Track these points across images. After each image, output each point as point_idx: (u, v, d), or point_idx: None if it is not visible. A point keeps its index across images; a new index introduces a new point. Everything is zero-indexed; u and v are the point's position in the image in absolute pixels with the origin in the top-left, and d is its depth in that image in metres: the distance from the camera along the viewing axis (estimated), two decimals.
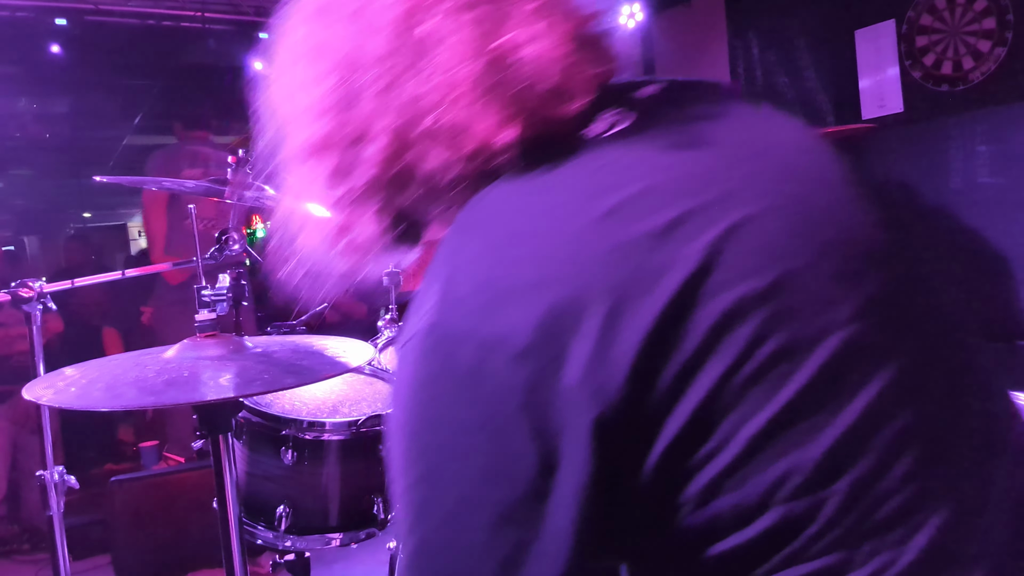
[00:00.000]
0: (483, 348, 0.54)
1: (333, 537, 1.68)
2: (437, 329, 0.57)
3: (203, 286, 1.48)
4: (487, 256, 0.59)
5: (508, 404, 0.53)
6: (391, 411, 0.62)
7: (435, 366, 0.57)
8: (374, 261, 0.77)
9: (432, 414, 0.57)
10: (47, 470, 1.75)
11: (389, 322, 2.35)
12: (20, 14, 4.59)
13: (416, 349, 0.58)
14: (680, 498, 0.54)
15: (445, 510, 0.56)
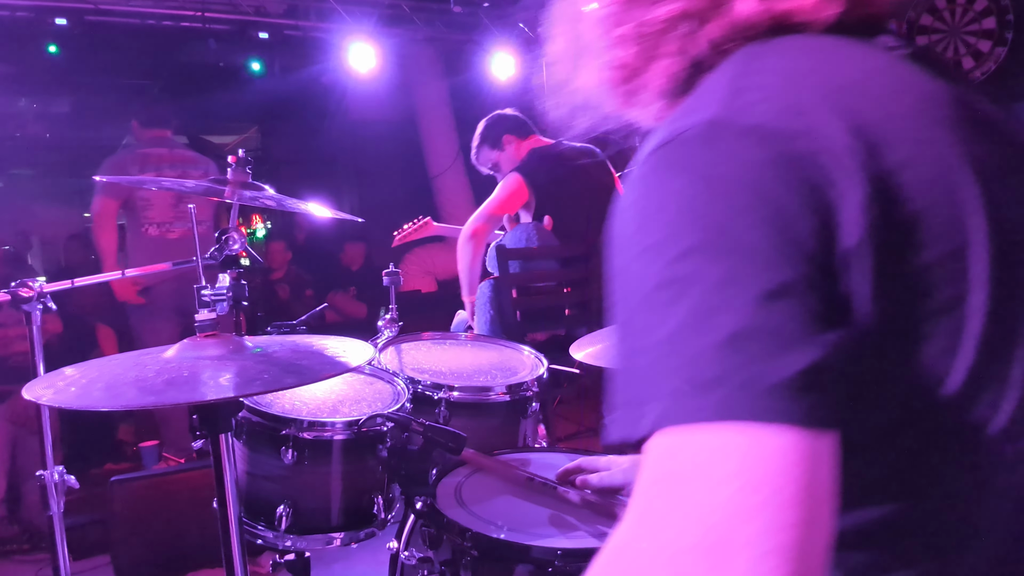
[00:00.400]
0: (772, 140, 0.58)
1: (333, 537, 1.68)
2: (722, 121, 0.60)
3: (203, 286, 1.48)
4: (780, 80, 0.63)
5: (793, 196, 0.57)
6: (632, 203, 0.63)
7: (718, 153, 0.59)
8: (645, 106, 0.76)
9: (712, 195, 0.58)
10: (47, 470, 1.75)
11: (389, 322, 2.35)
12: (20, 14, 4.60)
13: (695, 139, 0.60)
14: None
15: (714, 280, 0.56)
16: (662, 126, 0.65)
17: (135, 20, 4.94)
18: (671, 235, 0.58)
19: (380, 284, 2.43)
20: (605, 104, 0.79)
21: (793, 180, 0.57)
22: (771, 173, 0.57)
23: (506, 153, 3.24)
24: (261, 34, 5.31)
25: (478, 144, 3.32)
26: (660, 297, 0.57)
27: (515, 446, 1.90)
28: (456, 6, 5.59)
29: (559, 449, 1.76)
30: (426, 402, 1.86)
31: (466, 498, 1.44)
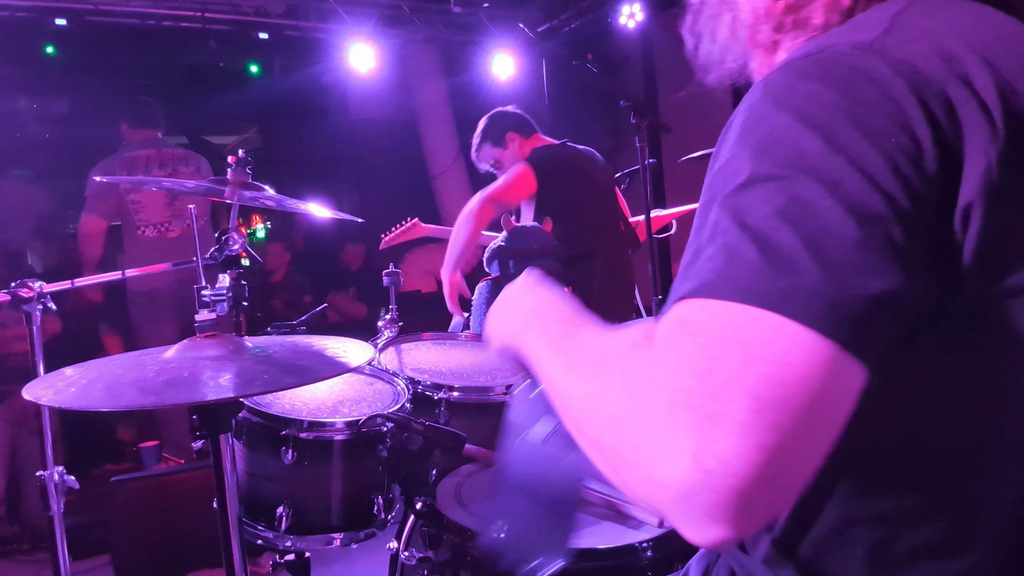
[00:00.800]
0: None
1: (333, 537, 1.68)
2: (874, 47, 0.63)
3: (203, 286, 1.47)
4: (938, 26, 0.66)
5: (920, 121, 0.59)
6: (768, 94, 0.65)
7: (862, 73, 0.62)
8: (799, 38, 0.77)
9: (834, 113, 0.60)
10: (47, 470, 1.75)
11: (389, 322, 2.35)
12: (20, 14, 4.59)
13: (844, 55, 0.63)
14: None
15: (822, 183, 0.58)
16: (809, 44, 0.67)
17: (135, 20, 4.94)
18: (797, 133, 0.61)
19: (380, 284, 2.43)
20: (760, 37, 0.79)
21: (927, 119, 0.59)
22: (910, 106, 0.59)
23: (509, 151, 3.23)
24: (261, 34, 5.31)
25: (479, 141, 3.29)
26: (767, 187, 0.60)
27: None
28: (456, 6, 5.59)
29: None
30: (426, 402, 1.86)
31: (466, 498, 1.44)
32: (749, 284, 0.56)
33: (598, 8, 5.45)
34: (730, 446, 0.52)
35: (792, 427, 0.52)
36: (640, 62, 6.02)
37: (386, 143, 7.08)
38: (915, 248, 0.57)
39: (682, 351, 0.57)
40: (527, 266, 3.29)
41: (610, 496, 1.41)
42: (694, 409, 0.54)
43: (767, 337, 0.55)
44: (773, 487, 0.53)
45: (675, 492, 0.54)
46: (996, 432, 0.64)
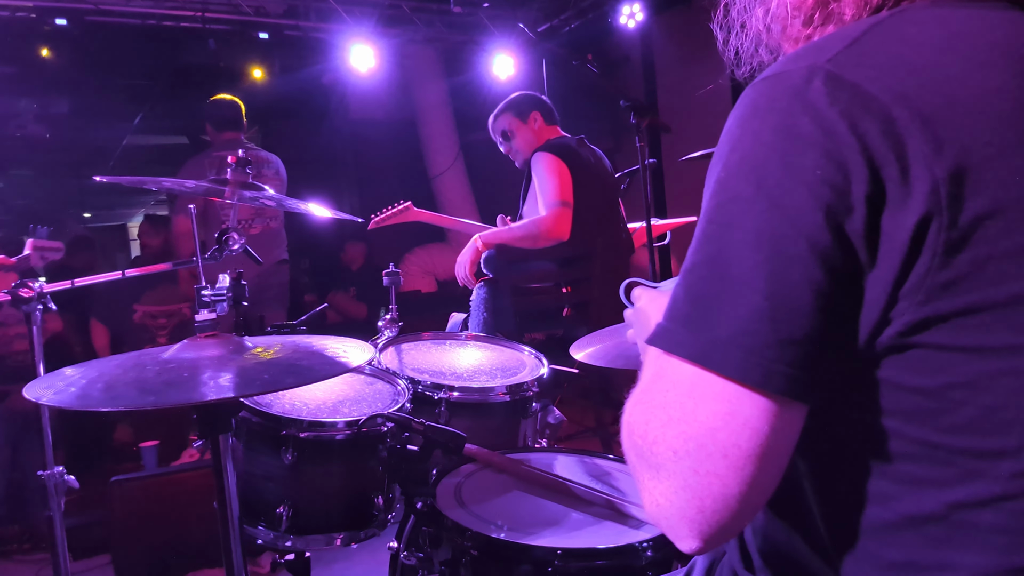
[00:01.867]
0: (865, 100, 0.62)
1: (333, 537, 1.68)
2: (822, 70, 0.64)
3: (203, 286, 1.47)
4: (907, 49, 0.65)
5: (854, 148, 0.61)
6: (727, 127, 0.68)
7: (798, 108, 0.63)
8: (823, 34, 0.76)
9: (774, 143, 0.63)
10: (47, 470, 1.75)
11: (389, 322, 2.35)
12: (20, 14, 4.59)
13: (789, 85, 0.64)
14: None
15: (748, 235, 0.63)
16: (781, 61, 0.69)
17: (135, 20, 4.94)
18: (728, 177, 0.65)
19: (380, 284, 2.43)
20: (791, 31, 0.79)
21: (860, 147, 0.60)
22: (842, 134, 0.61)
23: (527, 127, 3.21)
24: (261, 34, 5.31)
25: (503, 108, 3.27)
26: (708, 230, 0.66)
27: (515, 446, 1.90)
28: (456, 6, 5.59)
29: (559, 449, 1.76)
30: (426, 402, 1.86)
31: (466, 498, 1.44)
32: (676, 336, 0.66)
33: (598, 8, 5.45)
34: (664, 493, 0.65)
35: (717, 470, 0.62)
36: (640, 62, 6.02)
37: (386, 143, 7.09)
38: (838, 283, 0.61)
39: (641, 399, 0.70)
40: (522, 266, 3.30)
41: (610, 496, 1.41)
42: (642, 456, 0.68)
43: (689, 388, 0.64)
44: (715, 517, 0.63)
45: (650, 517, 0.68)
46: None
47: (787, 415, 0.63)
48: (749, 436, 0.62)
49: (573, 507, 1.41)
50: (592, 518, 1.37)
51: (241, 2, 5.15)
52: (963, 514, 0.62)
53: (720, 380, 0.62)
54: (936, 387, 0.61)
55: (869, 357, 0.63)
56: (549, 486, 1.48)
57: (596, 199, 3.08)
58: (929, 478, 0.63)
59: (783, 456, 0.64)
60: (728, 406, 0.62)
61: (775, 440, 0.63)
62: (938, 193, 0.59)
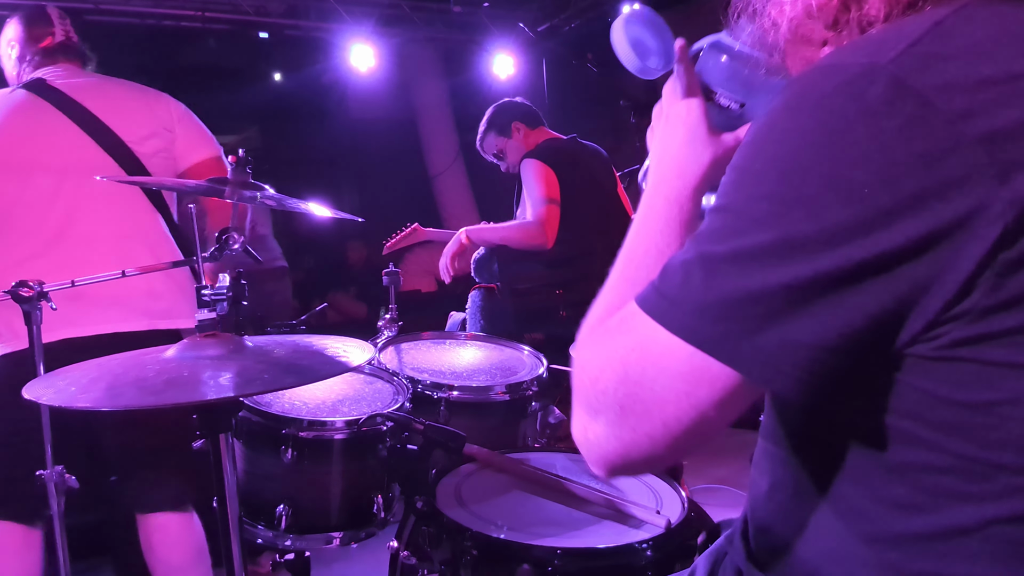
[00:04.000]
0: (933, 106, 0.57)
1: (333, 537, 1.68)
2: (888, 73, 0.59)
3: (203, 285, 1.47)
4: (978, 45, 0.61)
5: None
6: (771, 111, 0.64)
7: (856, 107, 0.59)
8: (844, 38, 0.73)
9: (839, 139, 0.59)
10: (47, 470, 1.75)
11: (389, 322, 2.35)
12: None
13: (844, 82, 0.60)
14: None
15: (775, 236, 0.60)
16: (832, 55, 0.66)
17: (135, 20, 4.94)
18: (774, 174, 0.62)
19: (380, 284, 2.43)
20: (806, 31, 0.75)
21: (918, 173, 0.56)
22: (900, 154, 0.57)
23: (513, 141, 3.20)
24: (261, 34, 5.31)
25: (484, 129, 3.27)
26: (727, 219, 0.64)
27: (515, 446, 1.90)
28: (456, 6, 5.59)
29: (559, 449, 1.76)
30: (426, 402, 1.86)
31: (466, 498, 1.44)
32: (650, 298, 0.68)
33: (598, 8, 5.46)
34: (596, 433, 0.70)
35: (654, 434, 0.66)
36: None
37: (386, 143, 7.08)
38: (858, 314, 0.59)
39: (604, 344, 0.72)
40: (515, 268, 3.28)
41: (610, 496, 1.41)
42: (585, 394, 0.72)
43: (662, 360, 0.66)
44: (632, 466, 0.71)
45: (579, 441, 0.74)
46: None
47: (743, 395, 0.65)
48: (697, 418, 0.65)
49: (573, 507, 1.41)
50: (592, 518, 1.37)
51: (241, 2, 5.14)
52: (1000, 529, 0.61)
53: (708, 361, 0.63)
54: (982, 402, 0.60)
55: (905, 366, 0.62)
56: (549, 486, 1.48)
57: (591, 198, 3.07)
58: (968, 492, 0.61)
59: (717, 434, 0.67)
60: (703, 386, 0.64)
61: (720, 424, 0.66)
62: (1005, 217, 0.56)
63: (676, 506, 1.40)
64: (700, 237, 0.66)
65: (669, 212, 0.85)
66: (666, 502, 1.42)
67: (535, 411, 1.99)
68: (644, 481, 1.53)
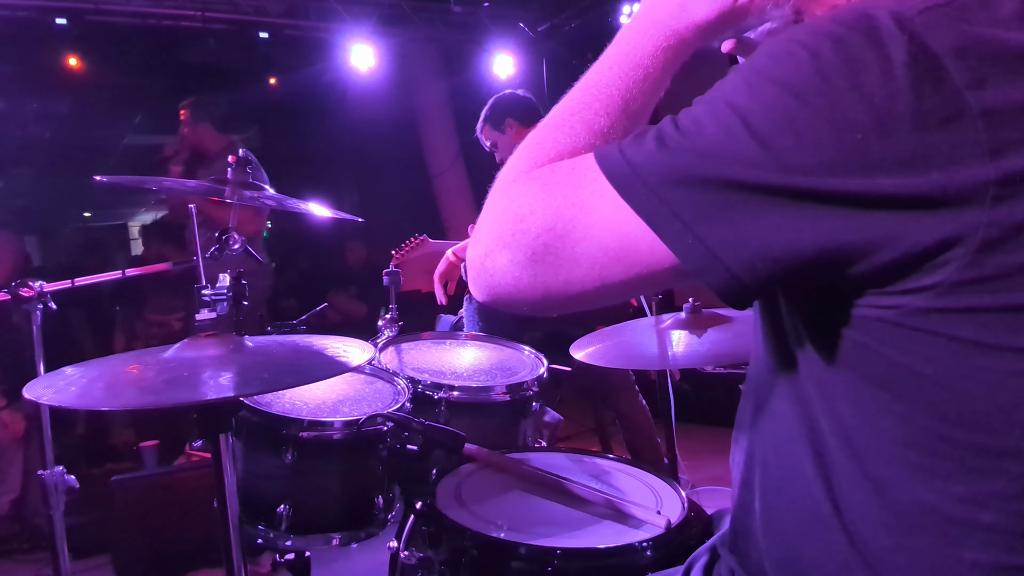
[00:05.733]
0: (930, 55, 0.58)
1: (333, 537, 1.68)
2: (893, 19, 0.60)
3: (203, 286, 1.47)
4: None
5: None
6: (775, 45, 0.64)
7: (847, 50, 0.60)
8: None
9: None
10: (47, 470, 1.75)
11: (389, 322, 2.35)
12: (20, 14, 4.59)
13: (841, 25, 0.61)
14: None
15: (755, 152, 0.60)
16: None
17: (135, 20, 4.94)
18: (774, 80, 0.61)
19: (380, 284, 2.43)
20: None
21: (919, 124, 0.57)
22: (903, 104, 0.57)
23: (506, 136, 3.19)
24: (261, 34, 5.31)
25: (482, 120, 3.26)
26: (718, 114, 0.63)
27: (515, 446, 1.90)
28: (456, 6, 5.59)
29: (559, 449, 1.76)
30: (426, 402, 1.86)
31: (466, 498, 1.44)
32: (613, 158, 0.67)
33: (598, 8, 5.45)
34: (501, 262, 0.69)
35: (554, 278, 0.67)
36: None
37: (386, 143, 7.08)
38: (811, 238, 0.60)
39: (545, 182, 0.71)
40: None
41: (610, 496, 1.41)
42: (504, 224, 0.70)
43: (602, 213, 0.66)
44: (519, 304, 0.70)
45: (472, 263, 0.73)
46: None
47: (645, 285, 0.67)
48: (599, 290, 0.67)
49: (573, 507, 1.41)
50: (592, 518, 1.37)
51: (241, 2, 5.14)
52: (963, 508, 0.61)
53: (637, 244, 0.64)
54: (948, 377, 0.61)
55: (871, 329, 0.62)
56: (549, 486, 1.48)
57: None
58: (931, 468, 0.62)
59: (603, 305, 0.70)
60: (618, 265, 0.66)
61: (611, 300, 0.69)
62: (989, 195, 0.56)
63: (676, 506, 1.40)
64: (684, 121, 0.66)
65: (656, 45, 0.77)
66: (666, 502, 1.42)
67: (536, 411, 1.99)
68: (644, 481, 1.53)
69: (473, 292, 0.73)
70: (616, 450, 3.35)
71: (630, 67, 0.77)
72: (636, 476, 1.56)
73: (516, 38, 5.82)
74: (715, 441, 0.71)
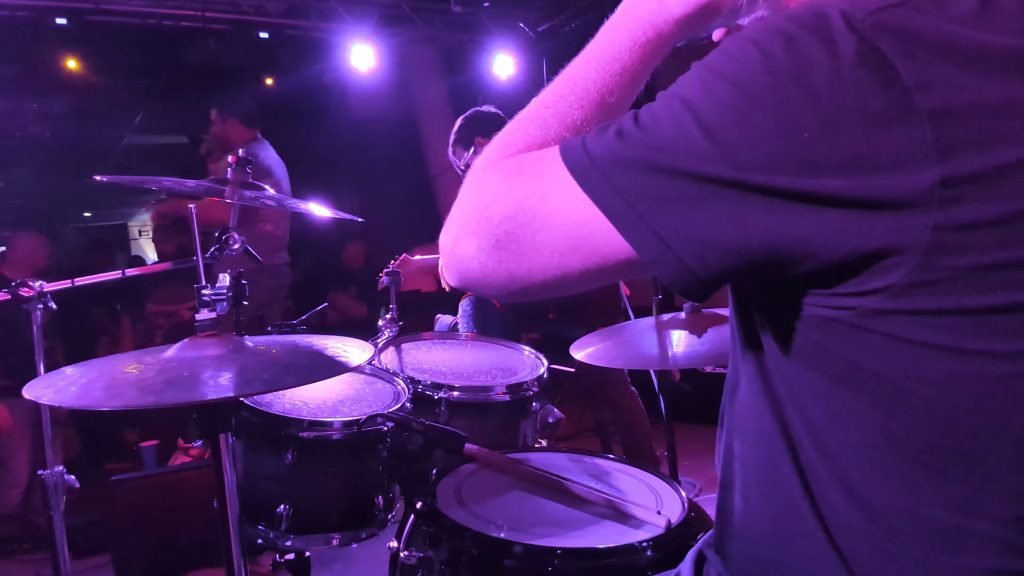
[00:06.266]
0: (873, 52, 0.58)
1: (333, 537, 1.68)
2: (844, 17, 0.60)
3: (203, 285, 1.47)
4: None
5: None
6: (727, 46, 0.65)
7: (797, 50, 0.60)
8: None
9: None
10: (47, 470, 1.75)
11: (389, 322, 2.35)
12: (20, 14, 4.59)
13: (793, 25, 0.61)
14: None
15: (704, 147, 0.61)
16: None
17: (135, 20, 4.94)
18: (726, 78, 0.62)
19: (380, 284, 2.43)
20: None
21: (870, 122, 0.57)
22: (851, 106, 0.57)
23: (476, 156, 3.17)
24: (261, 34, 5.31)
25: (452, 141, 3.22)
26: (672, 110, 0.64)
27: (515, 446, 1.90)
28: (456, 6, 5.59)
29: (559, 449, 1.76)
30: (426, 402, 1.86)
31: (466, 498, 1.44)
32: (575, 151, 0.68)
33: (598, 8, 5.45)
34: (468, 248, 0.71)
35: (517, 265, 0.69)
36: None
37: (386, 143, 7.08)
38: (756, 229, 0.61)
39: (514, 172, 0.72)
40: None
41: (610, 496, 1.41)
42: (471, 212, 0.71)
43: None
44: (482, 287, 0.72)
45: (443, 248, 0.74)
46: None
47: (605, 275, 0.68)
48: (560, 277, 0.69)
49: (573, 507, 1.41)
50: (592, 518, 1.37)
51: (241, 2, 5.14)
52: (932, 513, 0.62)
53: (593, 234, 0.65)
54: (905, 378, 0.61)
55: (828, 329, 0.63)
56: (549, 486, 1.48)
57: None
58: (899, 472, 0.62)
59: (567, 293, 0.72)
60: (576, 254, 0.67)
61: (573, 288, 0.70)
62: (936, 198, 0.56)
63: (676, 506, 1.40)
64: (643, 115, 0.66)
65: (635, 40, 0.79)
66: (666, 502, 1.42)
67: (536, 411, 1.99)
68: (644, 481, 1.53)
69: (445, 276, 0.75)
70: (616, 450, 3.35)
71: (607, 61, 0.79)
72: (636, 476, 1.56)
73: (516, 38, 5.82)
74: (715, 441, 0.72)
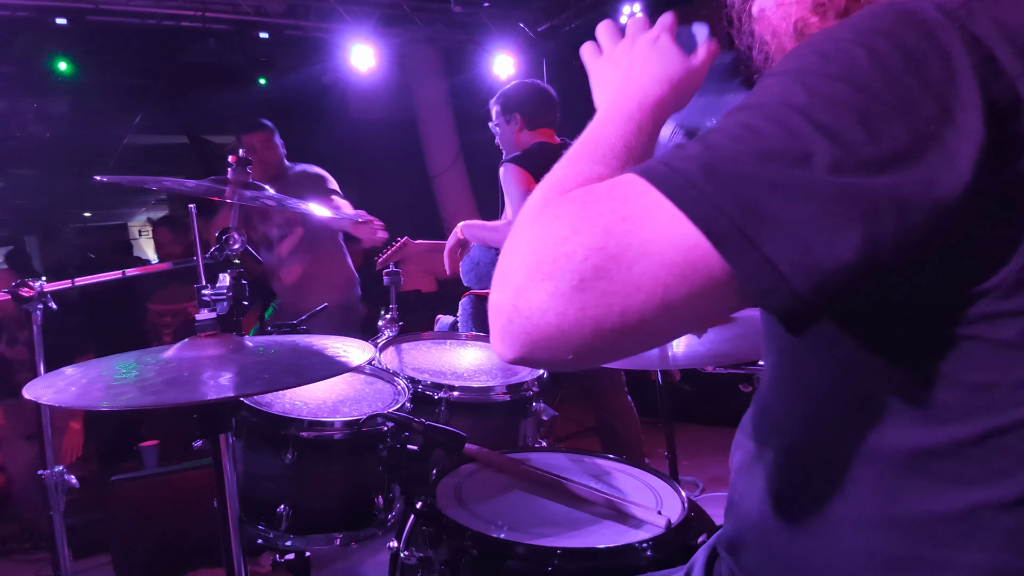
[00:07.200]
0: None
1: (333, 537, 1.68)
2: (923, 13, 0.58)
3: (203, 285, 1.47)
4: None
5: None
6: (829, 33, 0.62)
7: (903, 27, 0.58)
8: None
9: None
10: (47, 470, 1.75)
11: (389, 322, 2.35)
12: (20, 13, 4.59)
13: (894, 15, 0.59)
14: None
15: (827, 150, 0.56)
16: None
17: (135, 20, 4.94)
18: (832, 77, 0.58)
19: (380, 284, 2.43)
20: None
21: (978, 113, 0.55)
22: (964, 95, 0.55)
23: (509, 128, 3.15)
24: (261, 34, 5.31)
25: (495, 99, 3.21)
26: (773, 116, 0.58)
27: (515, 446, 1.90)
28: (456, 6, 5.59)
29: (559, 449, 1.76)
30: (426, 402, 1.86)
31: (466, 498, 1.44)
32: (658, 170, 0.59)
33: (598, 8, 5.45)
34: (537, 297, 0.58)
35: (607, 309, 0.57)
36: None
37: (386, 143, 7.08)
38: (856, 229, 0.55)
39: (584, 204, 0.61)
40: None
41: (610, 496, 1.41)
42: (535, 253, 0.60)
43: (633, 209, 0.58)
44: (563, 346, 0.59)
45: (498, 309, 0.62)
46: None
47: (719, 307, 0.59)
48: (661, 318, 0.57)
49: (573, 507, 1.41)
50: (592, 518, 1.37)
51: (241, 2, 5.14)
52: (992, 516, 0.61)
53: (708, 258, 0.56)
54: (986, 384, 0.60)
55: (930, 342, 0.61)
56: (549, 486, 1.48)
57: None
58: (965, 476, 0.62)
59: (660, 344, 0.65)
60: (687, 283, 0.57)
61: (671, 335, 0.63)
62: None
63: (676, 506, 1.40)
64: (729, 130, 0.59)
65: (627, 125, 0.77)
66: (666, 502, 1.42)
67: (536, 411, 1.99)
68: (644, 481, 1.53)
69: (501, 349, 0.62)
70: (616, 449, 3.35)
71: (622, 121, 0.78)
72: (636, 476, 1.56)
73: (516, 38, 5.82)
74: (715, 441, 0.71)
